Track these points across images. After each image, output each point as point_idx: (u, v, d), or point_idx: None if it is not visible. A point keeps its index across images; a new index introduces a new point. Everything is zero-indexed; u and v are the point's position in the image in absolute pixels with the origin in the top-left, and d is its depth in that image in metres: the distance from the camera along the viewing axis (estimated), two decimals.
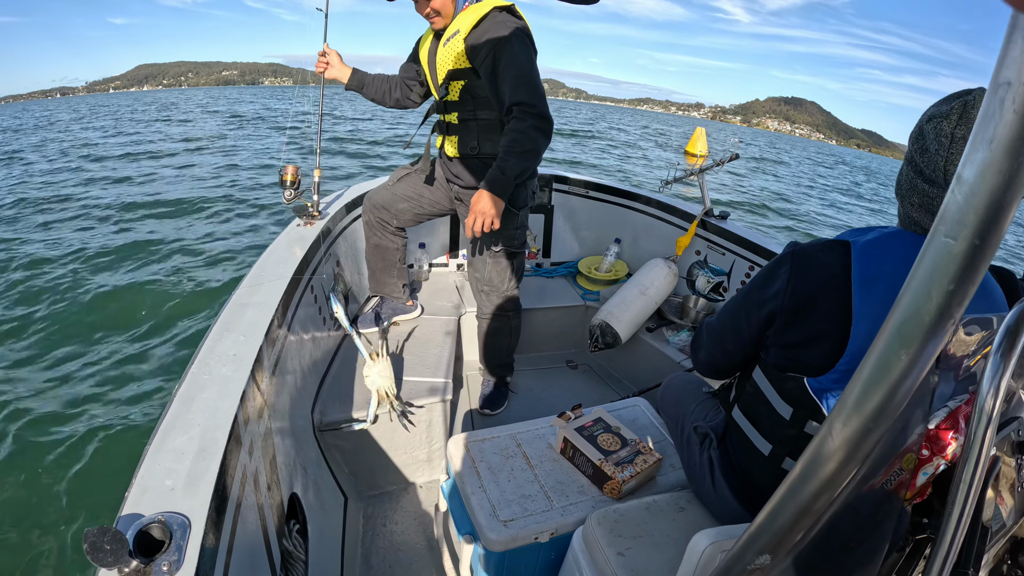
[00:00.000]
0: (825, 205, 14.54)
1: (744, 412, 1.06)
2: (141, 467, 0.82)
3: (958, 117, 0.72)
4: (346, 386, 1.72)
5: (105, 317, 3.93)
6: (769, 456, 0.98)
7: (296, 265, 1.57)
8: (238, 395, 1.00)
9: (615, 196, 2.83)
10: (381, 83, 1.96)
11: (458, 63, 1.61)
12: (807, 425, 0.89)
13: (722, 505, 1.14)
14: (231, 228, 6.20)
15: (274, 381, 1.24)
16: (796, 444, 0.93)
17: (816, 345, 0.85)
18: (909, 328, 0.35)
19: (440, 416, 1.74)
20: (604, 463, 1.31)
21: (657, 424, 1.59)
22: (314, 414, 1.56)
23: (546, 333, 2.57)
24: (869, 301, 0.78)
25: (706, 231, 2.49)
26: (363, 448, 1.66)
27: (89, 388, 3.08)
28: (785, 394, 0.92)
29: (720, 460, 1.16)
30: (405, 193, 1.93)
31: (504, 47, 1.51)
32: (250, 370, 1.07)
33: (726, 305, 1.06)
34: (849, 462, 0.42)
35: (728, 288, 2.42)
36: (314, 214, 1.96)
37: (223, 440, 0.89)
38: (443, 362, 1.88)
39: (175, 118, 21.80)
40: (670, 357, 2.22)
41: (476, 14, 1.55)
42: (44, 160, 11.10)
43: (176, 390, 1.00)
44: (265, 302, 1.34)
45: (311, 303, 1.68)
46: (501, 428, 1.45)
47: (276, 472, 1.13)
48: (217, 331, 1.20)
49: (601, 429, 1.41)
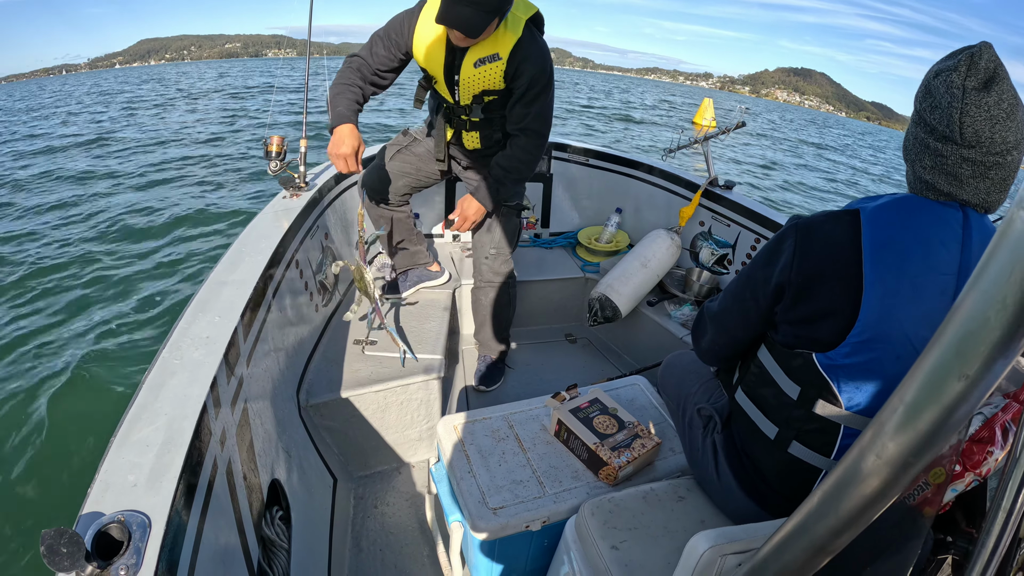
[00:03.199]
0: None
1: (748, 394, 1.00)
2: (105, 461, 0.78)
3: (967, 68, 0.68)
4: (335, 363, 1.66)
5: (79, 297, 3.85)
6: (775, 440, 0.93)
7: (279, 239, 1.49)
8: (208, 381, 0.94)
9: (616, 164, 2.71)
10: (357, 98, 1.62)
11: (495, 84, 1.58)
12: (816, 404, 0.85)
13: (726, 493, 1.10)
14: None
15: (251, 363, 1.18)
16: (804, 426, 0.88)
17: (826, 320, 0.80)
18: (972, 344, 0.27)
19: (434, 394, 1.68)
20: (600, 447, 1.25)
21: (657, 405, 1.53)
22: (300, 394, 1.50)
23: (544, 306, 2.50)
24: (880, 269, 0.74)
25: (711, 201, 2.39)
26: (353, 427, 1.61)
27: (59, 372, 2.99)
28: (792, 372, 0.87)
29: (724, 445, 1.10)
30: (402, 169, 1.87)
31: (541, 80, 1.56)
32: (223, 353, 1.01)
33: (727, 289, 1.00)
34: (883, 495, 0.35)
35: (732, 261, 2.34)
36: (301, 185, 1.87)
37: (190, 430, 0.84)
38: (439, 338, 1.82)
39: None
40: (672, 332, 2.15)
41: (513, 35, 1.51)
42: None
43: (145, 377, 0.94)
44: (244, 280, 1.27)
45: (296, 278, 1.60)
46: (493, 409, 1.39)
47: (254, 459, 1.08)
48: (191, 312, 1.14)
49: (597, 411, 1.35)
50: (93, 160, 7.95)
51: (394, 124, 11.93)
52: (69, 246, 4.62)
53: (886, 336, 0.75)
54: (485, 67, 1.54)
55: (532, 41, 1.53)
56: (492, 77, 1.56)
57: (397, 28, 1.58)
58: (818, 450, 0.88)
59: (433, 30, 1.54)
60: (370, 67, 1.60)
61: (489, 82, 1.57)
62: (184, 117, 13.03)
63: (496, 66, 1.54)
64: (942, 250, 0.74)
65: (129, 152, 8.51)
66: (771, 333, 0.93)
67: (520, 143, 1.65)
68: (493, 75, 1.55)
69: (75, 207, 5.69)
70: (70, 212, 5.53)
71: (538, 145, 1.66)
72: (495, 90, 1.60)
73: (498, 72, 1.55)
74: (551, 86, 1.61)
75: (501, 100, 1.63)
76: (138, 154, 8.37)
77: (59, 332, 3.33)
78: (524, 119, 1.61)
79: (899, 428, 0.32)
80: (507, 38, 1.50)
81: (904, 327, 0.75)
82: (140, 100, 16.76)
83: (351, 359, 1.67)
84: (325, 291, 1.86)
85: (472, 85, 1.59)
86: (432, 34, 1.54)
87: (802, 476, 0.92)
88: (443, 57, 1.57)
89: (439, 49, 1.56)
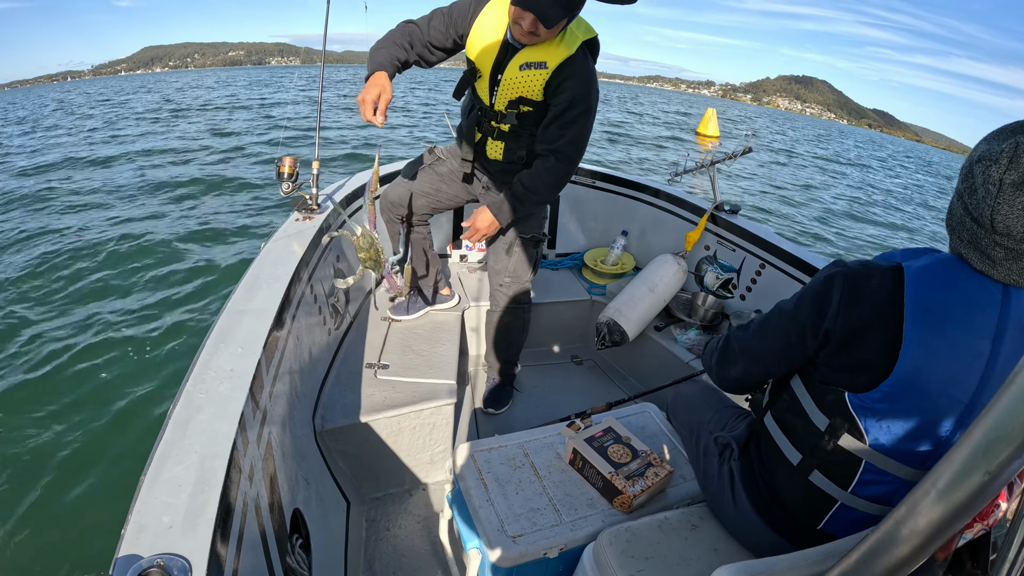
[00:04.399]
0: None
1: (777, 419, 1.04)
2: (137, 501, 0.78)
3: (1008, 161, 0.68)
4: (349, 387, 1.68)
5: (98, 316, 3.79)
6: (797, 466, 0.97)
7: (295, 265, 1.50)
8: (236, 416, 0.95)
9: (622, 187, 2.76)
10: (399, 56, 1.59)
11: (533, 94, 1.56)
12: (841, 438, 0.88)
13: (741, 518, 1.12)
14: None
15: (273, 394, 1.19)
16: (827, 457, 0.92)
17: (864, 369, 0.83)
18: (999, 445, 0.31)
19: (446, 418, 1.71)
20: (615, 476, 1.28)
21: (667, 432, 1.56)
22: (315, 419, 1.53)
23: (551, 328, 2.54)
24: (920, 327, 0.77)
25: (716, 226, 2.44)
26: (367, 451, 1.64)
27: (86, 401, 2.93)
28: (823, 405, 0.91)
29: (741, 472, 1.13)
30: (423, 189, 1.87)
31: (581, 103, 1.53)
32: (248, 387, 1.02)
33: (763, 325, 1.01)
34: (913, 559, 0.39)
35: (737, 285, 2.38)
36: (313, 207, 1.89)
37: (222, 469, 0.84)
38: (449, 362, 1.84)
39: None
40: (678, 356, 2.18)
41: (566, 50, 1.49)
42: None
43: (171, 411, 0.94)
44: (263, 309, 1.27)
45: (311, 303, 1.63)
46: (509, 437, 1.42)
47: (277, 490, 1.10)
48: (213, 342, 1.13)
49: (611, 440, 1.38)
50: (89, 179, 7.87)
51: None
52: (83, 258, 4.61)
53: (917, 390, 0.79)
54: (530, 72, 1.52)
55: (583, 61, 1.52)
56: (533, 85, 1.54)
57: (461, 10, 1.58)
58: (837, 481, 0.92)
59: (492, 25, 1.54)
60: (422, 38, 1.59)
61: (529, 89, 1.55)
62: (188, 129, 12.92)
63: (540, 74, 1.52)
64: (980, 314, 0.77)
65: (135, 168, 8.42)
66: (809, 368, 0.96)
67: (548, 165, 1.60)
68: (534, 83, 1.53)
69: (83, 225, 5.66)
70: (87, 228, 5.52)
71: (567, 171, 1.62)
72: (532, 100, 1.57)
73: (540, 81, 1.53)
74: (591, 113, 1.58)
75: (535, 115, 1.61)
76: (145, 168, 8.28)
77: (68, 362, 3.25)
78: (557, 140, 1.57)
79: (930, 507, 0.36)
80: (559, 51, 1.49)
81: (935, 384, 0.78)
82: (146, 112, 16.62)
83: (365, 383, 1.70)
84: (336, 314, 1.88)
85: (511, 89, 1.57)
86: (491, 28, 1.54)
87: (818, 504, 0.96)
88: (495, 53, 1.55)
89: (493, 44, 1.55)
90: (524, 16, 1.39)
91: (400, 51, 1.57)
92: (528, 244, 1.83)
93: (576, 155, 1.61)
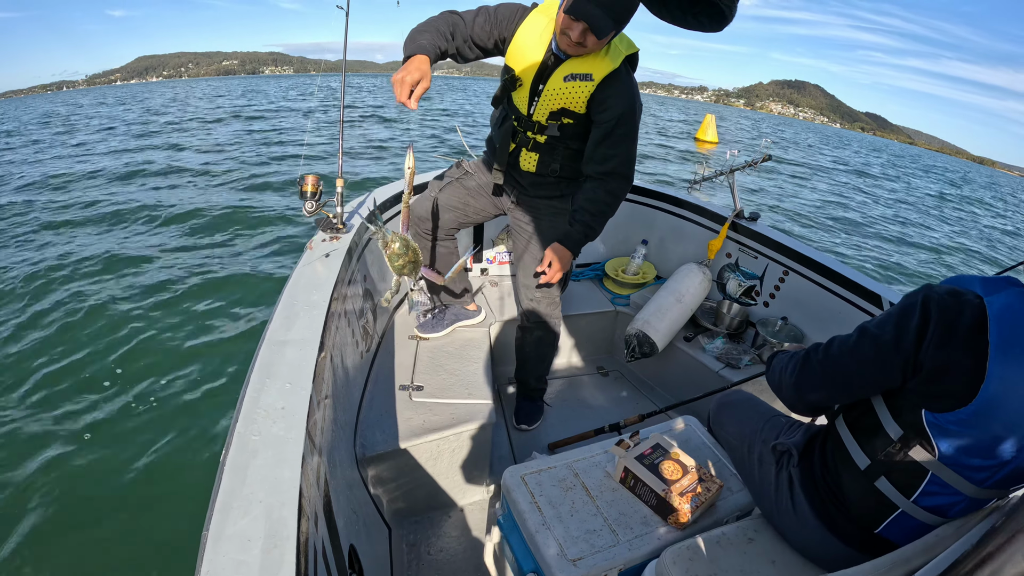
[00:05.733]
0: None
1: (849, 423, 1.05)
2: (204, 561, 0.72)
3: None
4: (386, 412, 1.65)
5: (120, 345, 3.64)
6: (865, 471, 1.00)
7: (331, 291, 1.45)
8: (297, 460, 0.88)
9: (641, 196, 2.76)
10: (441, 44, 1.54)
11: (577, 106, 1.54)
12: (912, 449, 0.92)
13: (800, 524, 1.14)
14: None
15: (324, 428, 1.15)
16: (895, 465, 0.95)
17: (945, 397, 0.86)
18: None
19: (483, 439, 1.69)
20: (668, 494, 1.27)
21: (710, 444, 1.55)
22: (356, 447, 1.50)
23: (576, 339, 2.52)
24: (1003, 363, 0.80)
25: (737, 233, 2.43)
26: (404, 474, 1.61)
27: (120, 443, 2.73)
28: (899, 417, 0.94)
29: (801, 477, 1.16)
30: (449, 203, 1.85)
31: (629, 121, 1.53)
32: (304, 427, 0.96)
33: (851, 349, 1.00)
34: None
35: (760, 292, 2.37)
36: (339, 227, 1.84)
37: (293, 520, 0.79)
38: (483, 381, 1.82)
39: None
40: (708, 366, 2.17)
41: (611, 63, 1.48)
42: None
43: (224, 457, 0.87)
44: (305, 339, 1.22)
45: (345, 326, 1.59)
46: (556, 458, 1.40)
47: (335, 530, 1.06)
48: (258, 378, 1.06)
49: (661, 456, 1.36)
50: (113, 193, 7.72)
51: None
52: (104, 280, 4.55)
53: (992, 418, 0.82)
54: (575, 84, 1.50)
55: (627, 76, 1.52)
56: (577, 97, 1.52)
57: (507, 13, 1.56)
58: (901, 489, 0.95)
59: (537, 33, 1.53)
60: (465, 31, 1.55)
61: (572, 101, 1.53)
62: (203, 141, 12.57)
63: (585, 86, 1.50)
64: None
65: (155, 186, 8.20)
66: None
67: (609, 187, 1.58)
68: (579, 95, 1.52)
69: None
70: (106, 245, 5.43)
71: (624, 189, 1.61)
72: (575, 112, 1.55)
73: (584, 93, 1.51)
74: (637, 128, 1.58)
75: (576, 127, 1.59)
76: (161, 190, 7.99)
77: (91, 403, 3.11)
78: (610, 161, 1.56)
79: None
80: (604, 64, 1.48)
81: (1009, 414, 0.81)
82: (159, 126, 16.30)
83: (401, 406, 1.67)
84: (367, 335, 1.85)
85: (554, 100, 1.55)
86: (535, 36, 1.53)
87: (880, 509, 0.99)
88: (538, 62, 1.53)
89: (537, 53, 1.53)
90: (574, 26, 1.37)
91: (442, 40, 1.51)
92: None
93: (630, 172, 1.60)
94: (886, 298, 1.92)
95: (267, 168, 9.25)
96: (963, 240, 11.07)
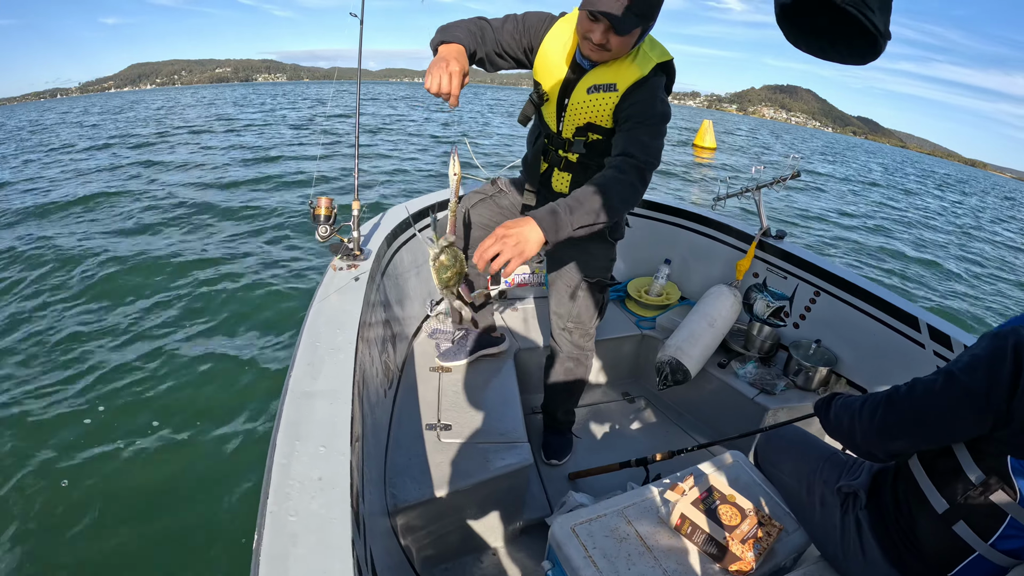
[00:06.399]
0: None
1: (925, 466, 1.02)
2: None
3: None
4: (414, 455, 1.53)
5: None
6: (943, 515, 0.97)
7: (356, 330, 1.29)
8: (347, 545, 0.76)
9: (662, 213, 2.69)
10: (474, 42, 1.41)
11: (602, 120, 1.43)
12: (994, 493, 0.90)
13: (870, 569, 1.11)
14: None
15: (364, 493, 1.02)
16: (975, 509, 0.93)
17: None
18: None
19: (518, 481, 1.59)
20: (730, 541, 1.19)
21: (760, 482, 1.46)
22: (387, 496, 1.39)
23: (601, 365, 2.44)
24: None
25: (764, 252, 2.36)
26: (435, 521, 1.50)
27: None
28: (981, 462, 0.92)
29: (871, 521, 1.12)
30: (481, 221, 1.74)
31: (650, 111, 1.35)
32: (350, 504, 0.82)
33: (937, 393, 0.93)
34: None
35: (790, 313, 2.30)
36: (356, 253, 1.69)
37: None
38: (516, 417, 1.72)
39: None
40: (740, 391, 2.09)
41: (638, 71, 1.35)
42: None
43: (258, 545, 0.74)
44: (334, 390, 1.06)
45: (369, 365, 1.44)
46: (605, 505, 1.31)
47: None
48: (284, 440, 0.92)
49: (717, 500, 1.28)
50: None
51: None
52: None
53: None
54: (598, 96, 1.39)
55: (652, 89, 1.37)
56: (602, 109, 1.40)
57: (535, 22, 1.47)
58: (979, 533, 0.93)
59: (561, 43, 1.43)
60: (493, 36, 1.45)
61: (597, 114, 1.42)
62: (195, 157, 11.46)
63: (610, 97, 1.38)
64: None
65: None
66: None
67: (619, 166, 1.28)
68: (603, 107, 1.40)
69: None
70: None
71: (639, 173, 1.29)
72: (601, 126, 1.44)
73: (609, 104, 1.39)
74: (658, 121, 1.36)
75: (604, 144, 1.46)
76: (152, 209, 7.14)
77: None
78: (625, 145, 1.32)
79: None
80: (631, 72, 1.35)
81: None
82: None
83: (430, 449, 1.56)
84: (388, 371, 1.73)
85: (579, 114, 1.44)
86: (559, 46, 1.43)
87: (956, 553, 0.97)
88: (563, 74, 1.43)
89: (561, 64, 1.43)
90: (594, 28, 1.26)
91: (473, 40, 1.38)
92: (593, 289, 1.69)
93: (649, 159, 1.31)
94: (923, 320, 1.85)
95: (260, 186, 8.48)
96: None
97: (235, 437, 2.76)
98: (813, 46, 0.56)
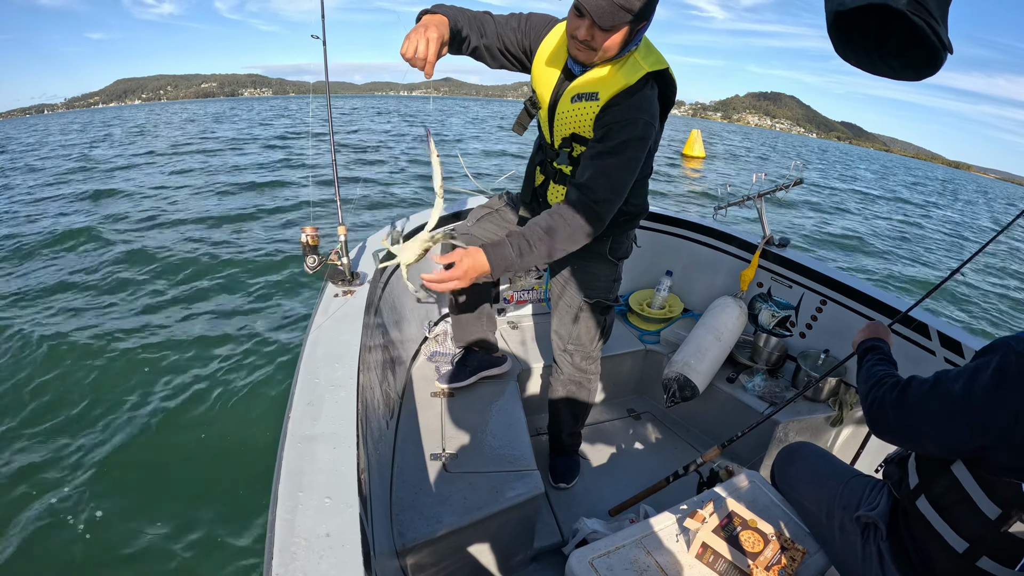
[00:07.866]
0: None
1: (935, 505, 1.00)
2: None
3: None
4: (420, 489, 1.46)
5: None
6: (964, 554, 0.95)
7: (356, 364, 1.21)
8: None
9: (662, 223, 2.65)
10: (468, 27, 1.36)
11: (585, 130, 1.34)
12: (1012, 525, 0.89)
13: None
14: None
15: (374, 545, 0.96)
16: (997, 544, 0.92)
17: None
18: None
19: (529, 511, 1.53)
20: (754, 569, 1.14)
21: (778, 502, 1.41)
22: (394, 535, 1.32)
23: (604, 381, 2.37)
24: None
25: (768, 261, 2.33)
26: (445, 557, 1.43)
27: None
28: (995, 495, 0.90)
29: (892, 552, 1.09)
30: (484, 236, 1.68)
31: (623, 132, 1.25)
32: (361, 560, 0.75)
33: (926, 394, 0.94)
34: None
35: (796, 323, 2.26)
36: (349, 278, 1.59)
37: None
38: (523, 443, 1.65)
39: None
40: (748, 405, 2.05)
41: (624, 80, 1.25)
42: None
43: None
44: (337, 433, 0.99)
45: (372, 399, 1.37)
46: (622, 535, 1.25)
47: None
48: (286, 489, 0.85)
49: (739, 526, 1.23)
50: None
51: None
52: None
53: None
54: (581, 105, 1.31)
55: (641, 95, 1.26)
56: (583, 119, 1.32)
57: (537, 24, 1.40)
58: (1005, 563, 0.92)
59: (555, 47, 1.36)
60: (495, 30, 1.39)
61: (579, 125, 1.34)
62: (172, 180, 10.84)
63: (590, 107, 1.29)
64: None
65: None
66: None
67: (574, 201, 1.25)
68: (584, 117, 1.31)
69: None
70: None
71: (593, 214, 1.25)
72: (585, 137, 1.35)
73: (590, 114, 1.30)
74: (635, 147, 1.26)
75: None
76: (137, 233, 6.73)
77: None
78: (585, 173, 1.27)
79: None
80: (615, 80, 1.25)
81: None
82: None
83: (436, 481, 1.50)
84: (388, 400, 1.66)
85: (565, 124, 1.37)
86: (553, 50, 1.36)
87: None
88: (555, 81, 1.36)
89: (554, 70, 1.36)
90: (580, 24, 1.17)
91: (466, 23, 1.32)
92: (595, 310, 1.63)
93: (607, 196, 1.25)
94: (933, 327, 1.82)
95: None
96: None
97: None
98: (863, 59, 0.52)
